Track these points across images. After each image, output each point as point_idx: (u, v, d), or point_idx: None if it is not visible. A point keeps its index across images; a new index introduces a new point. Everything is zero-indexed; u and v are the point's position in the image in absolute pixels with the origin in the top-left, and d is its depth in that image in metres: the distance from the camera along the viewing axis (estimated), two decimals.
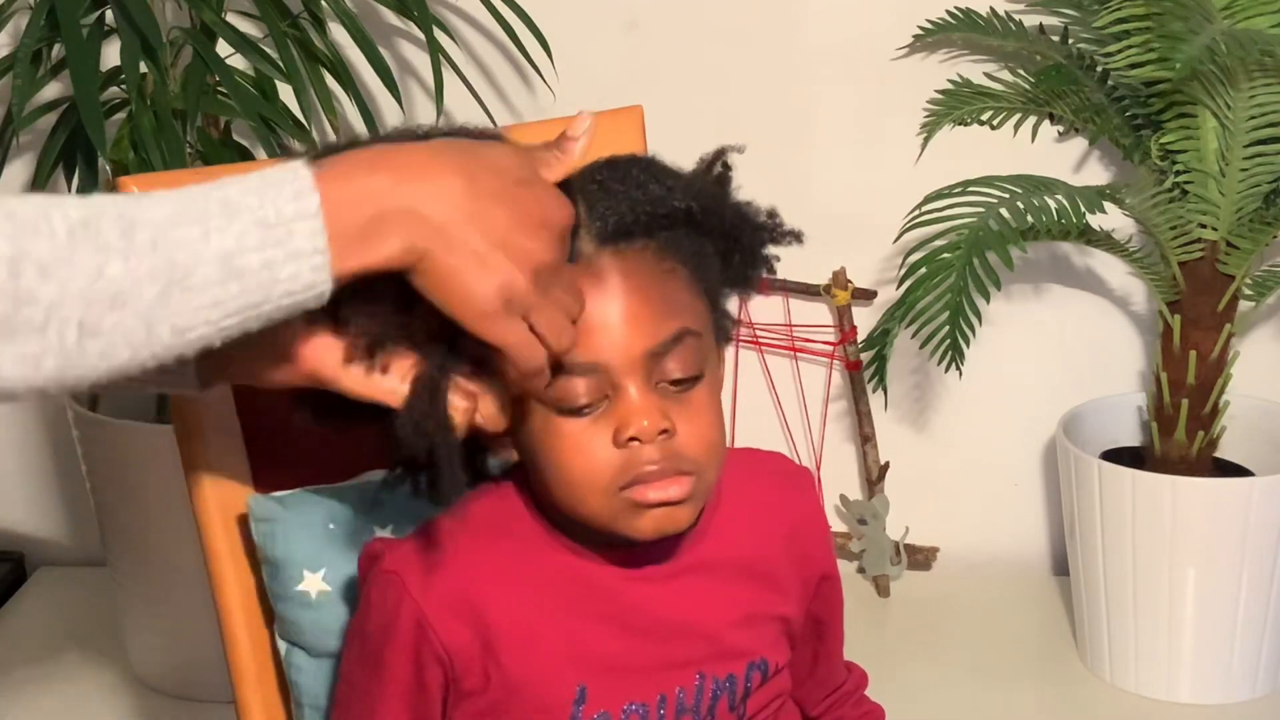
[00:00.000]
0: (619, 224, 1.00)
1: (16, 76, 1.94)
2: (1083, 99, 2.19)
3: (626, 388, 0.99)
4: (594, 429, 1.00)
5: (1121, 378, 2.37)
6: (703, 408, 1.02)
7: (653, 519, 1.01)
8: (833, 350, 2.40)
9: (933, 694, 2.12)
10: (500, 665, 1.04)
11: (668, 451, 1.00)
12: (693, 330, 1.01)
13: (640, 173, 1.03)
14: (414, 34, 2.30)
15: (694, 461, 1.01)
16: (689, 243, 1.03)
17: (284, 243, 0.87)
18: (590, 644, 1.05)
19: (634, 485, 1.00)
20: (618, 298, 0.99)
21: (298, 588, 1.19)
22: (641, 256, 1.01)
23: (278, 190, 0.88)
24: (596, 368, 0.99)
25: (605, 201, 1.01)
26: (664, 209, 1.01)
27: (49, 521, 2.60)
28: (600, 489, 1.00)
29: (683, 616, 1.08)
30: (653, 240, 1.01)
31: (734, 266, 1.07)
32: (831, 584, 1.19)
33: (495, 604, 1.04)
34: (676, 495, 1.00)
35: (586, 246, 1.00)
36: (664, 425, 0.99)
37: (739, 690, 1.10)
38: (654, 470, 1.00)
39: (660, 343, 1.00)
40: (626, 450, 0.99)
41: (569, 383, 0.99)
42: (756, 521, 1.12)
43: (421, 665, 1.04)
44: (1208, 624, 2.08)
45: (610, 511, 1.01)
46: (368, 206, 0.89)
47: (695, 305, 1.03)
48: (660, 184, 1.02)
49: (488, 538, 1.06)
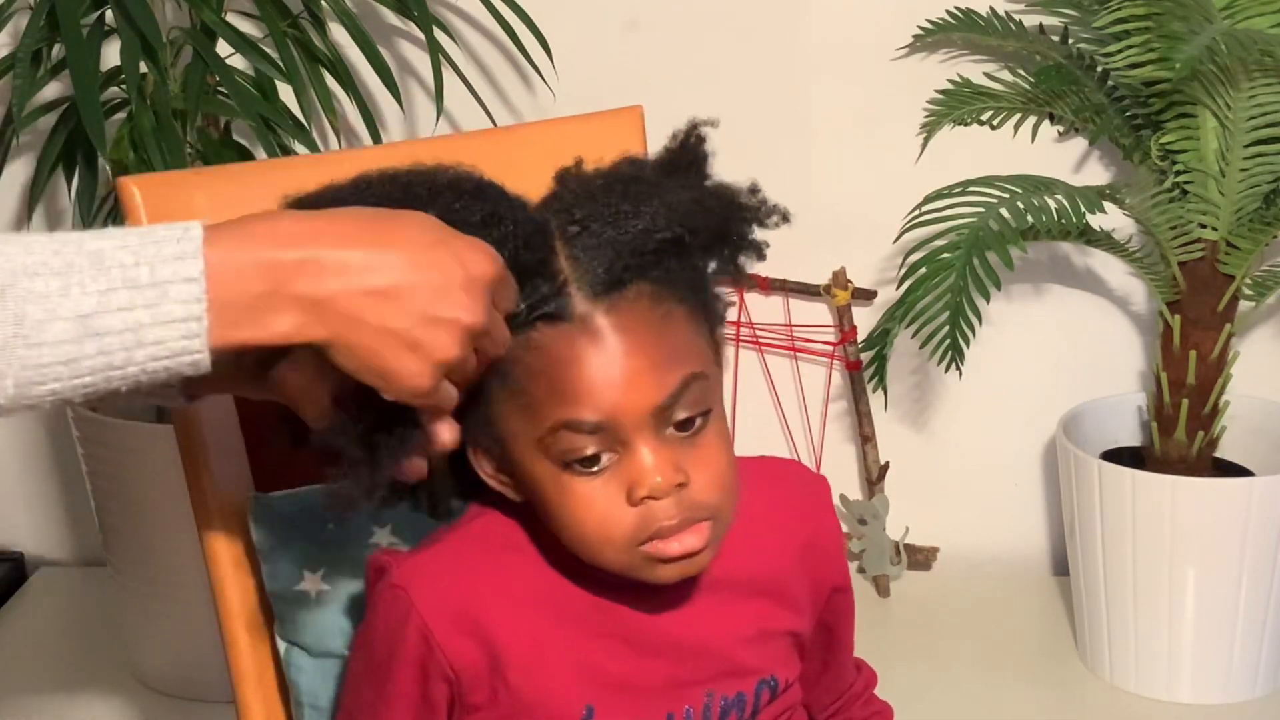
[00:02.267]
0: (609, 273, 0.97)
1: (16, 76, 1.94)
2: (1083, 99, 2.19)
3: (636, 444, 0.97)
4: (606, 489, 0.98)
5: (1121, 378, 2.37)
6: (713, 448, 1.00)
7: (674, 569, 1.00)
8: (833, 350, 2.40)
9: (933, 694, 2.11)
10: (507, 683, 1.03)
11: (684, 503, 0.98)
12: (698, 374, 0.99)
13: (620, 201, 0.99)
14: (414, 34, 2.30)
15: (710, 507, 1.00)
16: (681, 273, 1.00)
17: (154, 305, 0.82)
18: (598, 663, 1.05)
19: (653, 540, 0.99)
20: (620, 357, 0.96)
21: (298, 588, 1.19)
22: (635, 307, 0.97)
23: (158, 249, 0.82)
24: (604, 427, 0.97)
25: (590, 249, 0.97)
26: (650, 245, 0.98)
27: (49, 521, 2.60)
28: (618, 546, 0.99)
29: (692, 635, 1.07)
30: (645, 283, 0.98)
31: (722, 259, 1.04)
32: (844, 595, 1.18)
33: (503, 621, 1.03)
34: (696, 545, 0.99)
35: (580, 306, 0.97)
36: (678, 480, 0.98)
37: (748, 708, 1.09)
38: (672, 525, 0.98)
39: (669, 395, 0.98)
40: (642, 508, 0.98)
41: (576, 439, 0.97)
42: (770, 534, 1.11)
43: (428, 681, 1.04)
44: (1208, 624, 2.08)
45: (629, 565, 1.00)
46: (259, 281, 0.84)
47: (696, 343, 1.00)
48: (641, 214, 0.98)
49: (496, 554, 1.05)
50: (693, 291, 1.01)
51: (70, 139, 2.02)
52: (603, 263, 0.97)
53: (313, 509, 1.20)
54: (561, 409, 0.97)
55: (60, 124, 2.05)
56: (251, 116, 1.96)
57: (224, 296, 0.83)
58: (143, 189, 1.21)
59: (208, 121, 2.09)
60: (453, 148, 1.42)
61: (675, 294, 0.99)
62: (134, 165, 1.91)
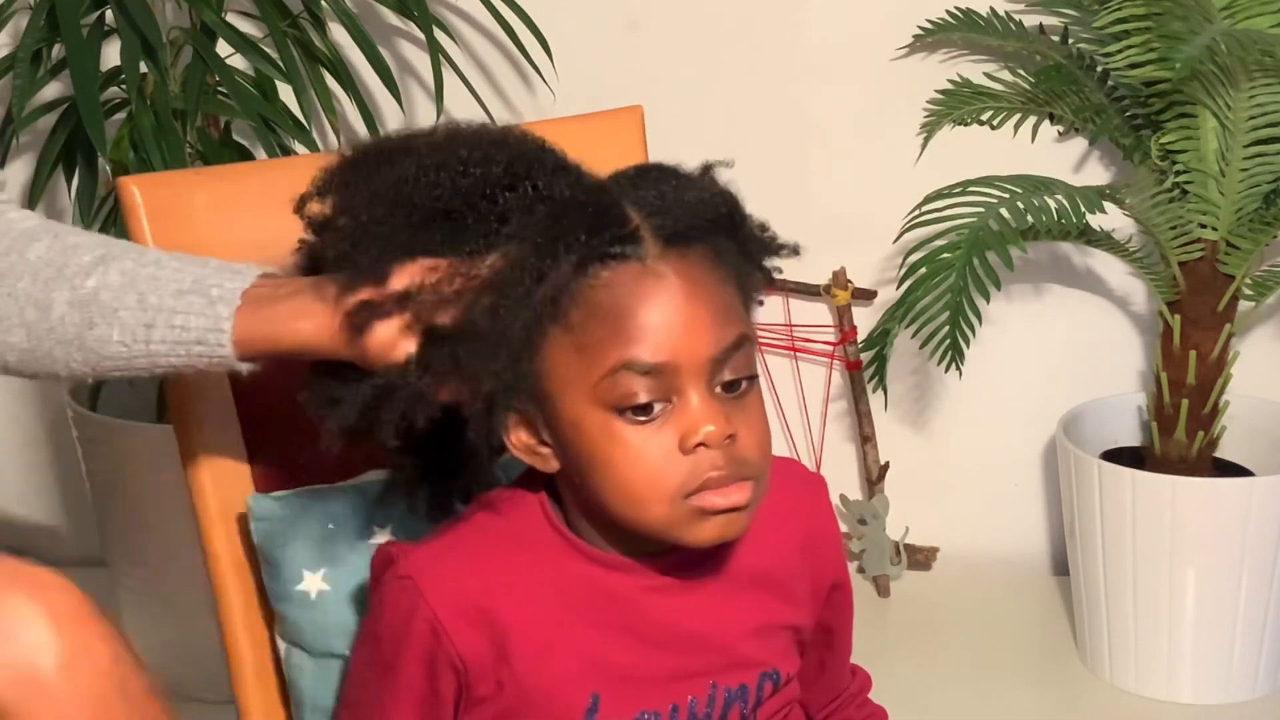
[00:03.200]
0: (676, 226, 1.00)
1: (16, 76, 1.94)
2: (1083, 99, 2.19)
3: (689, 392, 0.99)
4: (658, 436, 0.99)
5: (1121, 378, 2.37)
6: (757, 411, 1.02)
7: (715, 526, 1.01)
8: (833, 350, 2.40)
9: (933, 694, 2.12)
10: (514, 673, 1.04)
11: (731, 457, 0.99)
12: (749, 336, 1.01)
13: (677, 176, 1.03)
14: (414, 34, 2.30)
15: (755, 466, 1.01)
16: (732, 249, 1.03)
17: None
18: (604, 653, 1.05)
19: (700, 492, 0.99)
20: (683, 302, 0.98)
21: (298, 588, 1.19)
22: (701, 261, 1.00)
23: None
24: (664, 369, 0.98)
25: (659, 202, 1.00)
26: (711, 212, 1.01)
27: (49, 521, 2.60)
28: (666, 497, 0.99)
29: (697, 627, 1.07)
30: (707, 247, 1.01)
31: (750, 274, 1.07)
32: (842, 592, 1.18)
33: (510, 611, 1.04)
34: (741, 500, 1.00)
35: (651, 248, 0.99)
36: (730, 430, 0.99)
37: (750, 700, 1.10)
38: (721, 476, 0.99)
39: (724, 348, 0.99)
40: (693, 456, 0.99)
41: (635, 381, 0.98)
42: (770, 530, 1.11)
43: (435, 671, 1.04)
44: (1208, 624, 2.08)
45: (673, 519, 1.00)
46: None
47: (744, 312, 1.03)
48: (698, 185, 1.03)
49: (503, 545, 1.06)
50: (739, 273, 1.03)
51: (70, 139, 2.02)
52: (671, 216, 1.00)
53: (313, 509, 1.20)
54: (622, 348, 0.98)
55: (60, 124, 2.05)
56: (251, 116, 1.96)
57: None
58: (143, 189, 1.21)
59: (208, 121, 2.09)
60: None
61: (729, 265, 1.02)
62: (134, 165, 1.91)
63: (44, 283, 1.05)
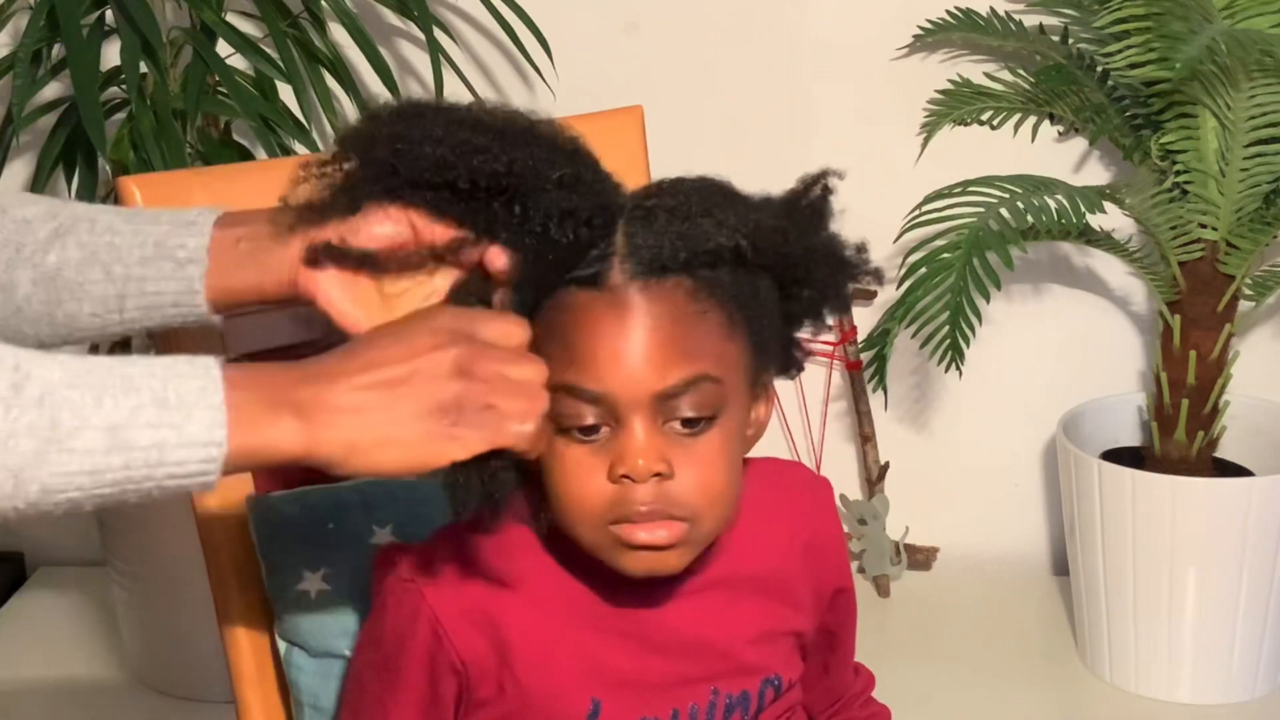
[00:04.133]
0: (653, 259, 0.98)
1: (16, 76, 1.94)
2: (1083, 99, 2.19)
3: (631, 423, 0.98)
4: (593, 459, 0.99)
5: (1121, 378, 2.37)
6: (710, 455, 1.00)
7: (641, 560, 1.00)
8: (833, 350, 2.40)
9: (933, 694, 2.11)
10: (515, 677, 1.04)
11: (660, 495, 0.98)
12: (711, 377, 0.99)
13: (698, 201, 1.00)
14: (414, 34, 2.30)
15: (689, 508, 0.99)
16: (732, 282, 1.00)
17: (180, 426, 0.86)
18: (605, 659, 1.05)
19: (622, 523, 0.99)
20: (636, 334, 0.97)
21: (298, 588, 1.19)
22: (671, 295, 0.98)
23: (182, 381, 0.87)
24: (602, 399, 0.97)
25: (644, 234, 0.98)
26: (706, 246, 0.98)
27: (49, 521, 2.58)
28: (590, 519, 0.99)
29: (698, 633, 1.07)
30: (688, 279, 0.98)
31: (802, 300, 1.05)
32: (846, 596, 1.18)
33: (511, 616, 1.04)
34: (664, 540, 0.99)
35: (616, 278, 0.98)
36: (658, 469, 0.97)
37: (752, 706, 1.10)
38: (643, 511, 0.98)
39: (671, 386, 0.98)
40: (619, 486, 0.98)
41: (575, 405, 0.98)
42: (774, 535, 1.11)
43: (436, 674, 1.04)
44: (1208, 624, 2.08)
45: (599, 544, 1.00)
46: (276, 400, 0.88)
47: (724, 350, 1.00)
48: (713, 217, 0.99)
49: (505, 550, 1.05)
50: (741, 308, 1.00)
51: (70, 139, 2.02)
52: (653, 246, 0.98)
53: (313, 509, 1.20)
54: (566, 371, 0.97)
55: (60, 124, 2.05)
56: (251, 116, 1.96)
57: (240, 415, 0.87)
58: (143, 189, 1.21)
59: (208, 121, 2.09)
60: None
61: (718, 299, 0.99)
62: (134, 165, 1.91)
63: (4, 264, 1.04)
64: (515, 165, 0.98)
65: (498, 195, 0.98)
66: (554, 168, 0.98)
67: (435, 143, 0.98)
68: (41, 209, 1.07)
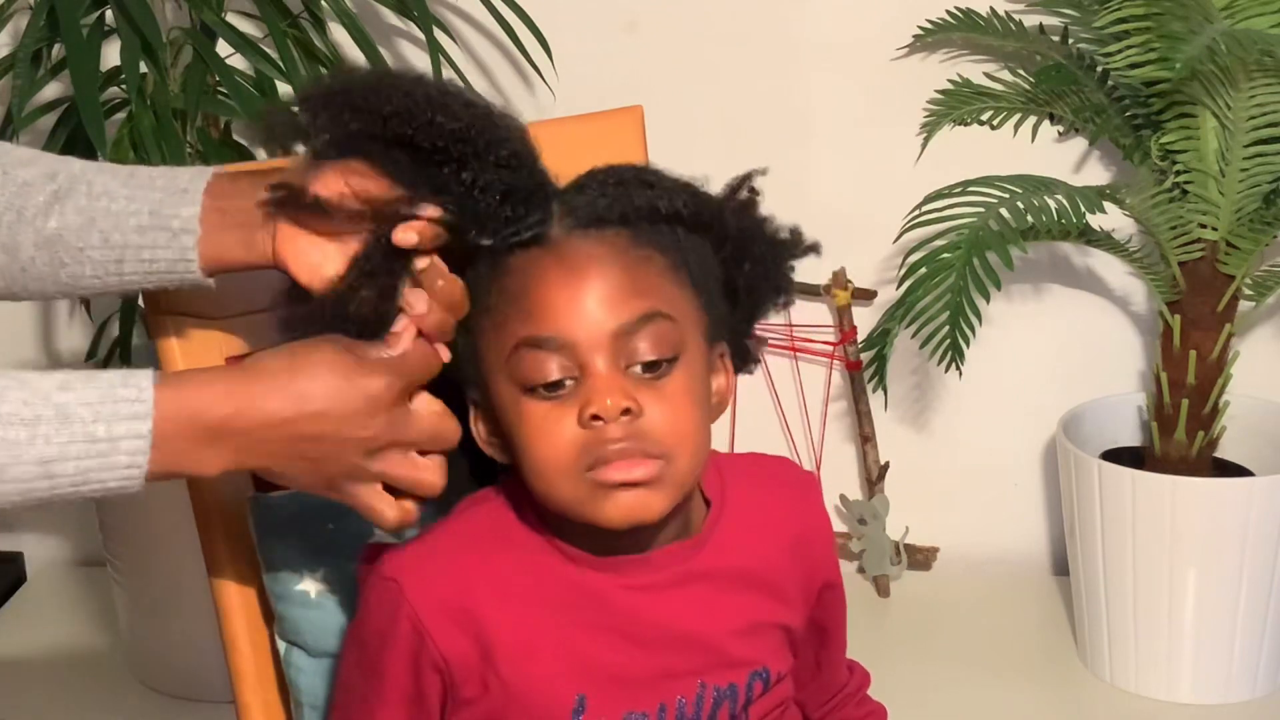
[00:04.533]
0: (590, 212, 1.01)
1: (16, 76, 1.94)
2: (1083, 99, 2.19)
3: (594, 366, 0.99)
4: (560, 410, 1.00)
5: (1121, 378, 2.37)
6: (676, 394, 1.01)
7: (622, 505, 1.00)
8: (833, 350, 2.40)
9: (932, 694, 2.11)
10: (499, 674, 1.04)
11: (632, 432, 0.99)
12: (664, 313, 1.01)
13: (633, 176, 1.03)
14: (414, 34, 2.30)
15: (661, 444, 1.00)
16: (671, 235, 1.03)
17: (105, 456, 0.96)
18: (590, 653, 1.05)
19: (597, 466, 0.99)
20: (586, 277, 0.99)
21: (297, 588, 1.20)
22: (613, 241, 1.01)
23: (116, 408, 0.96)
24: (563, 345, 0.99)
25: (579, 199, 1.02)
26: (640, 202, 1.02)
27: (49, 521, 2.60)
28: (565, 470, 1.00)
29: (684, 626, 1.07)
30: (627, 229, 1.01)
31: (744, 276, 1.07)
32: (835, 592, 1.18)
33: (494, 612, 1.04)
34: (641, 476, 0.99)
35: (555, 231, 1.01)
36: (626, 404, 0.98)
37: (740, 699, 1.10)
38: (617, 449, 0.99)
39: (628, 321, 0.99)
40: (590, 430, 0.99)
41: (537, 357, 0.99)
42: (761, 529, 1.11)
43: (419, 672, 1.04)
44: (1208, 624, 2.08)
45: (578, 496, 1.00)
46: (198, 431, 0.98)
47: (673, 292, 1.02)
48: (649, 187, 1.03)
49: (487, 546, 1.06)
50: (683, 258, 1.03)
51: (70, 139, 2.01)
52: (589, 204, 1.02)
53: (313, 509, 1.20)
54: (523, 326, 0.99)
55: (60, 124, 2.05)
56: (251, 116, 1.96)
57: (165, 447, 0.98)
58: None
59: (208, 121, 2.09)
60: None
61: (657, 245, 1.02)
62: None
63: (7, 228, 1.08)
64: (472, 131, 1.01)
65: (449, 160, 1.01)
66: (505, 145, 1.02)
67: (403, 95, 1.02)
68: (40, 169, 1.10)
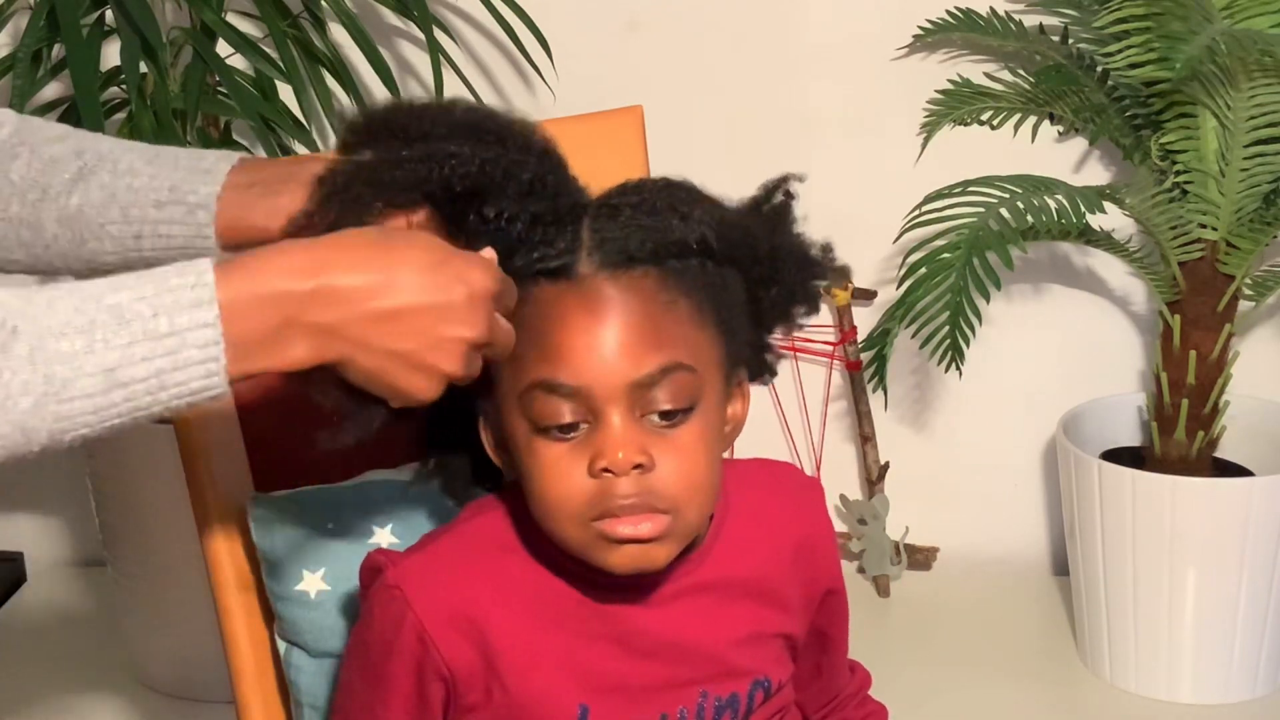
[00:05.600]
0: (620, 250, 0.98)
1: (16, 76, 1.95)
2: (1083, 99, 2.19)
3: (609, 416, 0.97)
4: (572, 455, 0.98)
5: (1121, 378, 2.37)
6: (690, 445, 0.99)
7: (626, 555, 0.99)
8: (833, 350, 2.40)
9: (932, 694, 2.11)
10: (502, 683, 1.04)
11: (643, 487, 0.98)
12: (685, 365, 0.99)
13: (663, 198, 1.01)
14: (414, 34, 2.30)
15: (670, 500, 0.99)
16: (700, 273, 1.00)
17: (175, 353, 0.88)
18: (593, 664, 1.05)
19: (604, 518, 0.98)
20: (607, 325, 0.97)
21: (297, 588, 1.19)
22: (640, 284, 0.99)
23: (174, 297, 0.88)
24: (579, 392, 0.97)
25: (610, 227, 0.99)
26: (672, 237, 0.99)
27: (49, 521, 2.60)
28: (572, 517, 0.99)
29: (686, 637, 1.06)
30: (656, 269, 0.99)
31: (770, 298, 1.05)
32: (837, 598, 1.17)
33: (498, 621, 1.03)
34: (647, 533, 0.98)
35: (584, 268, 0.98)
36: (639, 460, 0.97)
37: (742, 708, 1.09)
38: (626, 505, 0.98)
39: (646, 374, 0.97)
40: (600, 481, 0.98)
41: (552, 402, 0.98)
42: (763, 538, 1.10)
43: (423, 680, 1.04)
44: (1208, 624, 2.08)
45: (583, 541, 0.99)
46: (273, 314, 0.89)
47: (696, 339, 1.00)
48: (678, 211, 1.00)
49: (491, 555, 1.05)
50: (710, 299, 1.01)
51: None
52: (619, 239, 0.99)
53: (313, 509, 1.20)
54: (539, 367, 0.98)
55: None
56: (251, 116, 1.96)
57: (238, 333, 0.89)
58: None
59: (208, 121, 2.09)
60: None
61: (686, 289, 1.00)
62: None
63: (32, 205, 1.08)
64: (487, 167, 0.99)
65: (470, 199, 1.00)
66: (524, 169, 1.00)
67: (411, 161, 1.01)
68: (68, 147, 1.10)
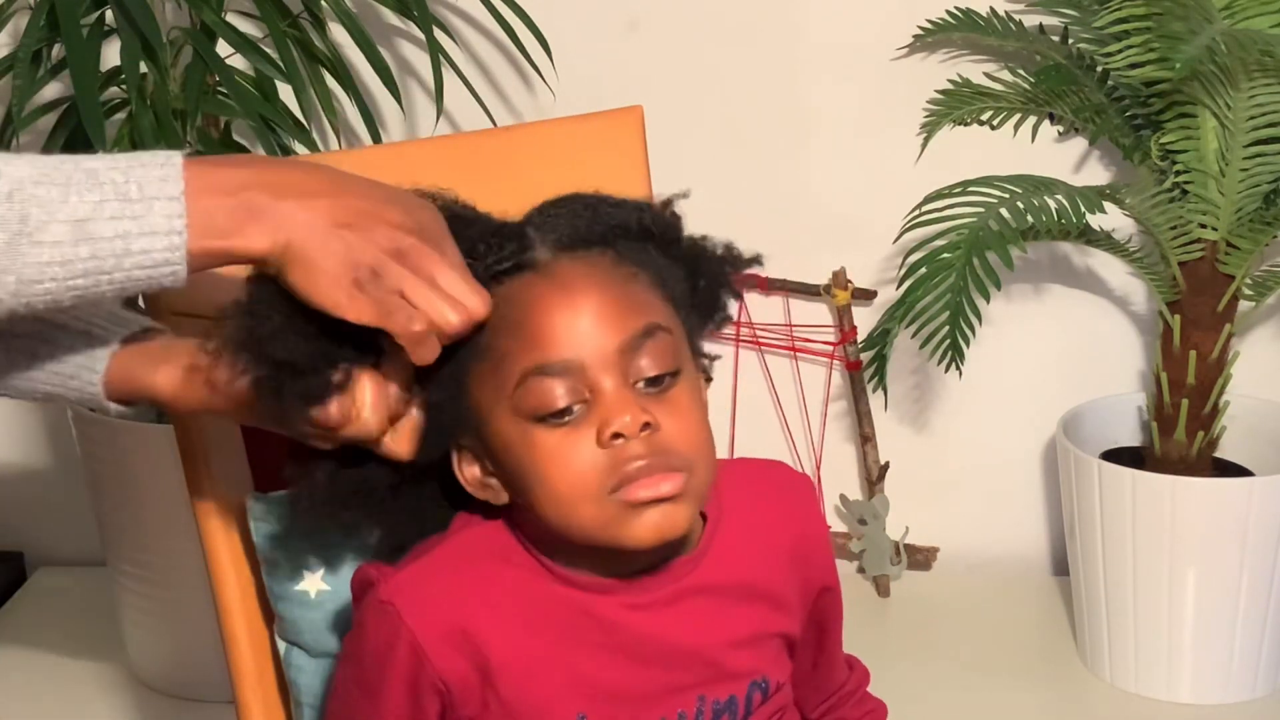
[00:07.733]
0: (572, 234, 1.01)
1: (16, 76, 1.94)
2: (1083, 99, 2.19)
3: (604, 385, 0.98)
4: (574, 435, 0.98)
5: (1121, 378, 2.37)
6: (684, 405, 1.00)
7: (650, 523, 0.98)
8: (833, 350, 2.40)
9: (932, 694, 2.12)
10: (499, 695, 1.03)
11: (654, 447, 0.98)
12: (663, 326, 1.00)
13: (591, 199, 1.04)
14: (414, 34, 2.30)
15: (683, 457, 0.99)
16: (648, 255, 1.03)
17: (141, 217, 0.92)
18: (589, 672, 1.04)
19: (623, 486, 0.98)
20: (583, 297, 0.99)
21: (297, 587, 1.20)
22: (600, 261, 1.01)
23: (146, 172, 0.93)
24: (570, 367, 0.98)
25: (552, 223, 1.02)
26: (615, 220, 1.02)
27: (49, 521, 2.60)
28: (590, 495, 0.98)
29: (682, 642, 1.06)
30: (610, 249, 1.02)
31: (700, 293, 1.07)
32: (832, 595, 1.17)
33: (492, 633, 1.03)
34: (669, 491, 0.98)
35: (542, 254, 1.01)
36: (646, 419, 0.97)
37: (740, 710, 1.09)
38: (642, 466, 0.98)
39: (632, 336, 0.99)
40: (611, 450, 0.97)
41: (545, 384, 0.98)
42: (757, 539, 1.10)
43: (419, 694, 1.03)
44: (1208, 624, 2.09)
45: (603, 520, 0.99)
46: (234, 199, 0.94)
47: (662, 307, 1.02)
48: (609, 204, 1.04)
49: (485, 565, 1.05)
50: (663, 277, 1.04)
51: (70, 139, 2.01)
52: (568, 227, 1.02)
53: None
54: (529, 355, 0.98)
55: (60, 124, 2.05)
56: (251, 116, 1.96)
57: (201, 210, 0.94)
58: None
59: (208, 121, 2.09)
60: (452, 148, 1.43)
61: (640, 262, 1.02)
62: None
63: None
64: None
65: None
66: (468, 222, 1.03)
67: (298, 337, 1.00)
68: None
